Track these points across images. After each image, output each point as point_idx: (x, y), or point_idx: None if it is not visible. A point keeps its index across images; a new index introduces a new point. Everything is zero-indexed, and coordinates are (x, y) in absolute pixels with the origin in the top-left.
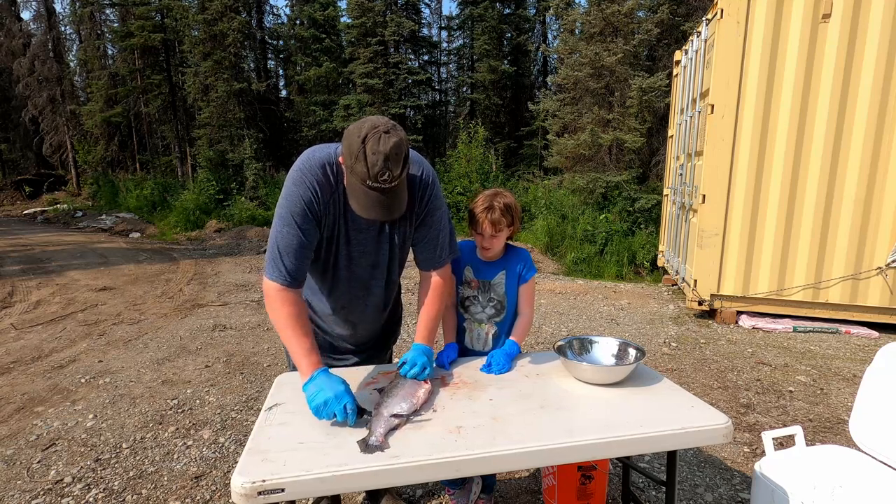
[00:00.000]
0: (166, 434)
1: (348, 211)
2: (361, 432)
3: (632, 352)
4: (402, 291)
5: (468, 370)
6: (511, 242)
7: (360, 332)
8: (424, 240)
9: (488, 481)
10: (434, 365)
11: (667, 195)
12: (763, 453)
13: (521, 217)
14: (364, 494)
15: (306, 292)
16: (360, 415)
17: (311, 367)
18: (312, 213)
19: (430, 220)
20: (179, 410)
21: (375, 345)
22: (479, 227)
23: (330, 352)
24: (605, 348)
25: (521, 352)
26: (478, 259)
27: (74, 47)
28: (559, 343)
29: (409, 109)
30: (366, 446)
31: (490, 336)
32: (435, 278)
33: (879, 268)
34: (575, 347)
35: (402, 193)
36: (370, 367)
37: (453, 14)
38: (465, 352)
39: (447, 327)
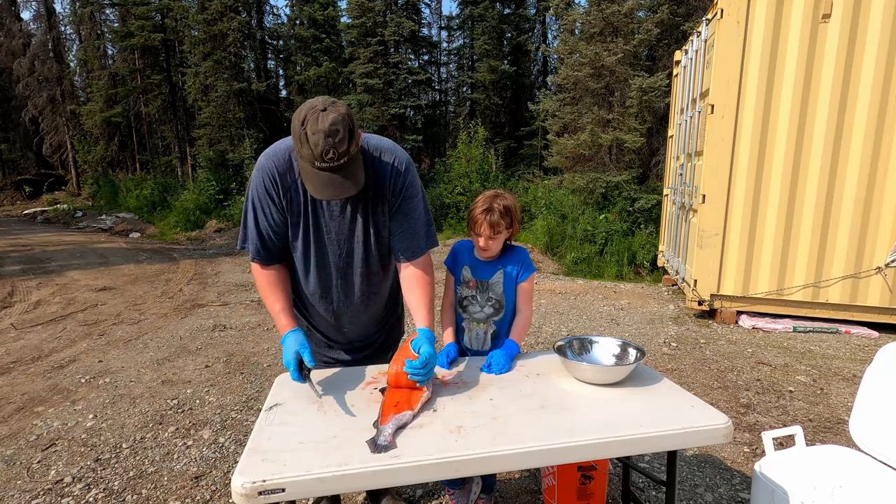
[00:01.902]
0: (166, 434)
1: (316, 199)
2: (364, 433)
3: (632, 352)
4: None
5: (468, 370)
6: (510, 242)
7: (349, 329)
8: (401, 229)
9: (488, 481)
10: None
11: (667, 195)
12: (763, 453)
13: (520, 219)
14: (364, 494)
15: (294, 282)
16: (301, 370)
17: (282, 330)
18: (270, 198)
19: (406, 207)
20: (179, 410)
21: (370, 345)
22: (477, 228)
23: (325, 350)
24: (605, 348)
25: (521, 351)
26: (475, 258)
27: (74, 47)
28: (559, 343)
29: (409, 109)
30: (375, 446)
31: (489, 335)
32: (416, 270)
33: (879, 268)
34: (575, 347)
35: (354, 169)
36: (369, 367)
37: (453, 14)
38: (464, 352)
39: (446, 327)
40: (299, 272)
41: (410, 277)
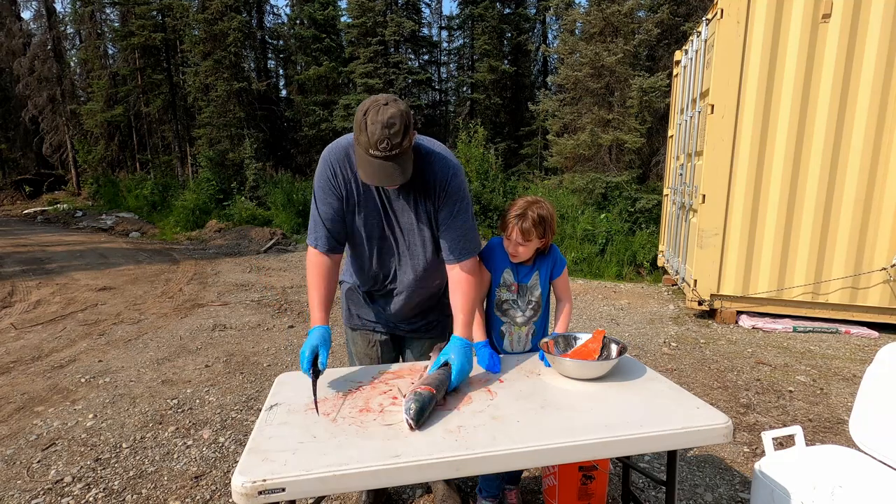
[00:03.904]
0: (166, 434)
1: (373, 189)
2: (364, 433)
3: (613, 347)
4: None
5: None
6: (542, 249)
7: (401, 307)
8: (448, 226)
9: (513, 473)
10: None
11: (667, 195)
12: (763, 453)
13: (555, 229)
14: (357, 493)
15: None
16: (315, 373)
17: (312, 322)
18: (332, 189)
19: (452, 209)
20: (179, 410)
21: (418, 317)
22: (508, 232)
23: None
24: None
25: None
26: (513, 262)
27: (74, 47)
28: (543, 340)
29: None
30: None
31: (529, 336)
32: (461, 273)
33: (884, 268)
34: (560, 345)
35: (404, 162)
36: (376, 367)
37: (453, 14)
38: (499, 352)
39: (476, 326)
40: (354, 256)
41: (456, 280)
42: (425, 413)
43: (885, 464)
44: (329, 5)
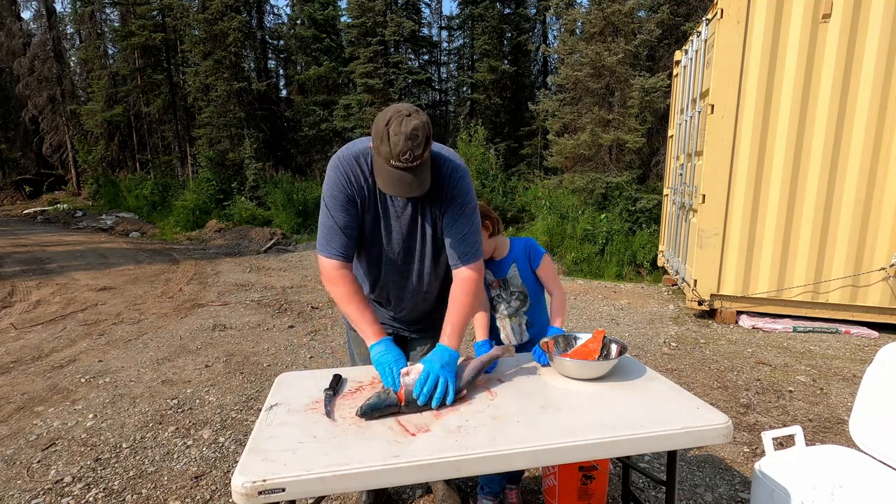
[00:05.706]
0: (166, 434)
1: (381, 198)
2: (364, 432)
3: (613, 347)
4: None
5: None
6: (513, 236)
7: (405, 314)
8: (449, 230)
9: (514, 473)
10: (454, 376)
11: (667, 195)
12: (763, 453)
13: (494, 217)
14: (357, 493)
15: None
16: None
17: (376, 335)
18: (347, 195)
19: (457, 212)
20: (179, 410)
21: (425, 320)
22: None
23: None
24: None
25: (565, 333)
26: (488, 260)
27: (74, 47)
28: (543, 340)
29: None
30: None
31: (524, 327)
32: (462, 279)
33: (883, 268)
34: (560, 344)
35: (423, 173)
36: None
37: (453, 14)
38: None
39: (478, 325)
40: (361, 266)
41: (455, 286)
42: (374, 412)
43: (885, 464)
44: (329, 5)
